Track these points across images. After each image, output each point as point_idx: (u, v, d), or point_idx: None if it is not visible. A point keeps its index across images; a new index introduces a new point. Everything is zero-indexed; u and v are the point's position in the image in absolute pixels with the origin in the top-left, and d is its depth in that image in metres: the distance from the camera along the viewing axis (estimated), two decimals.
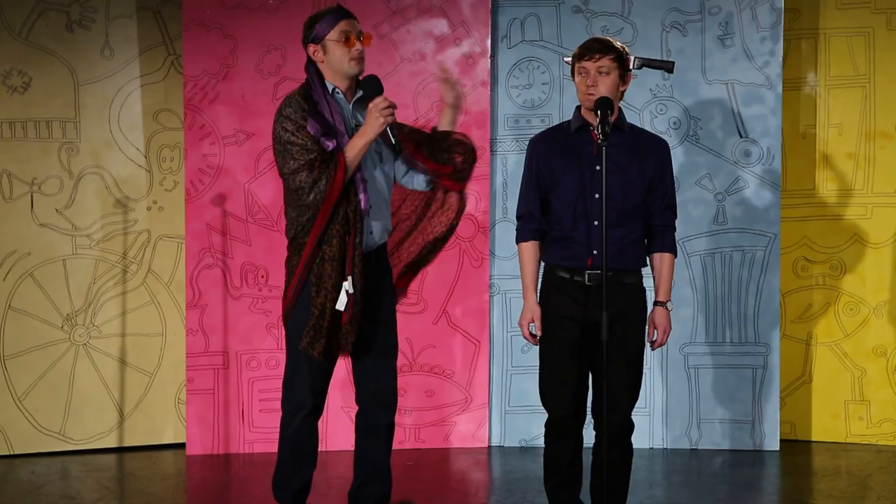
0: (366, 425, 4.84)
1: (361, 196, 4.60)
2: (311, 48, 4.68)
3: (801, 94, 6.87)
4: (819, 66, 6.84)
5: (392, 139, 4.59)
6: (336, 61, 4.66)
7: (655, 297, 4.79)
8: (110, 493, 5.94)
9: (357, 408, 4.89)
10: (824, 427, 6.89)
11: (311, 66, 4.71)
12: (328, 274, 4.56)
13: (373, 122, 4.56)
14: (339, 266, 4.57)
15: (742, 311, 6.69)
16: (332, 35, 4.63)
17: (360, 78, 4.73)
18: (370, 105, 4.57)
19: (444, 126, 4.85)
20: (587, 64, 4.67)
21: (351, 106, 4.71)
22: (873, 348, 6.81)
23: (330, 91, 4.67)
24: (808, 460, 6.57)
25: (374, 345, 4.77)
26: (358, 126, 4.67)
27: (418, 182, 4.89)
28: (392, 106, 4.58)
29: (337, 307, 4.57)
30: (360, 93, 4.71)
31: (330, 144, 4.55)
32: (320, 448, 4.91)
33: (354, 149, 4.57)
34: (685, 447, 6.72)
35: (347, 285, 4.56)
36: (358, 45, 4.66)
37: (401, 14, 6.65)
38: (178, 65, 6.73)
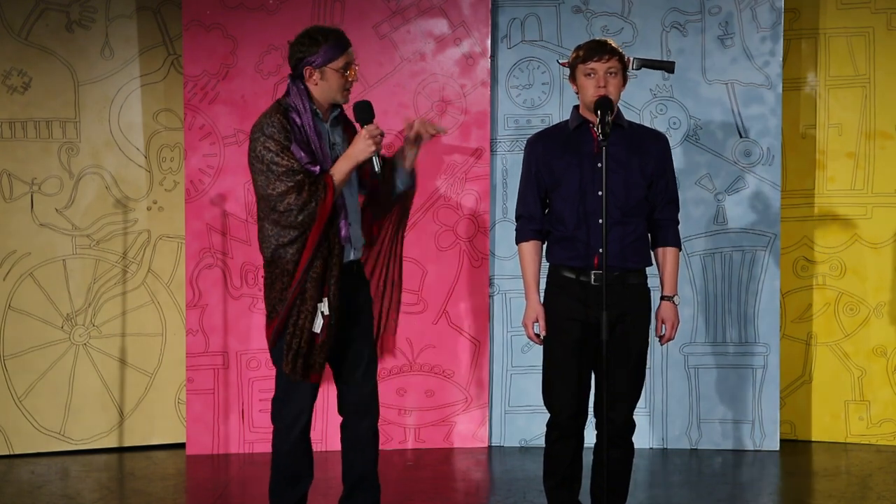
0: (349, 436, 4.85)
1: (342, 223, 4.63)
2: (308, 71, 4.62)
3: (801, 94, 6.87)
4: (819, 66, 6.84)
5: (376, 165, 4.62)
6: (331, 90, 4.64)
7: (662, 291, 4.78)
8: (110, 493, 5.94)
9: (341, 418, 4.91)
10: (824, 427, 6.88)
11: (299, 84, 4.64)
12: (310, 295, 4.57)
13: (363, 147, 4.58)
14: (320, 287, 4.59)
15: (742, 311, 6.69)
16: (336, 64, 4.60)
17: (353, 102, 4.72)
18: (363, 130, 4.59)
19: (407, 162, 4.80)
20: (596, 65, 4.66)
21: (328, 125, 4.71)
22: (873, 348, 6.81)
23: (311, 113, 4.65)
24: (808, 460, 6.57)
25: (352, 356, 4.77)
26: (334, 145, 4.68)
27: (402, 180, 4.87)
28: (382, 133, 4.61)
29: (314, 329, 4.57)
30: (336, 111, 4.71)
31: (315, 170, 4.56)
32: (321, 448, 4.92)
33: (342, 172, 4.59)
34: (685, 447, 6.71)
35: (323, 307, 4.58)
36: (352, 76, 4.66)
37: (401, 14, 6.65)
38: (178, 65, 6.73)
